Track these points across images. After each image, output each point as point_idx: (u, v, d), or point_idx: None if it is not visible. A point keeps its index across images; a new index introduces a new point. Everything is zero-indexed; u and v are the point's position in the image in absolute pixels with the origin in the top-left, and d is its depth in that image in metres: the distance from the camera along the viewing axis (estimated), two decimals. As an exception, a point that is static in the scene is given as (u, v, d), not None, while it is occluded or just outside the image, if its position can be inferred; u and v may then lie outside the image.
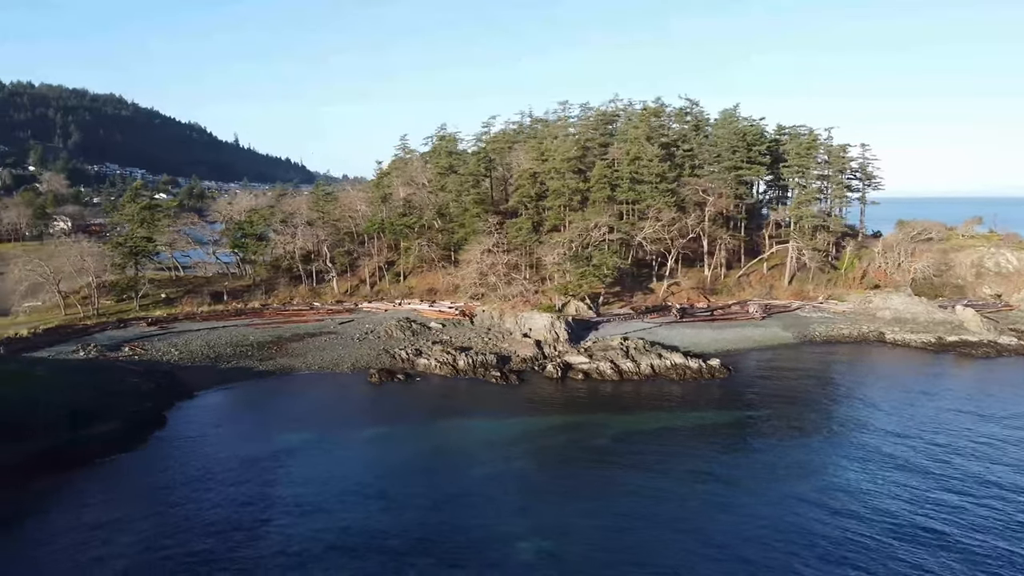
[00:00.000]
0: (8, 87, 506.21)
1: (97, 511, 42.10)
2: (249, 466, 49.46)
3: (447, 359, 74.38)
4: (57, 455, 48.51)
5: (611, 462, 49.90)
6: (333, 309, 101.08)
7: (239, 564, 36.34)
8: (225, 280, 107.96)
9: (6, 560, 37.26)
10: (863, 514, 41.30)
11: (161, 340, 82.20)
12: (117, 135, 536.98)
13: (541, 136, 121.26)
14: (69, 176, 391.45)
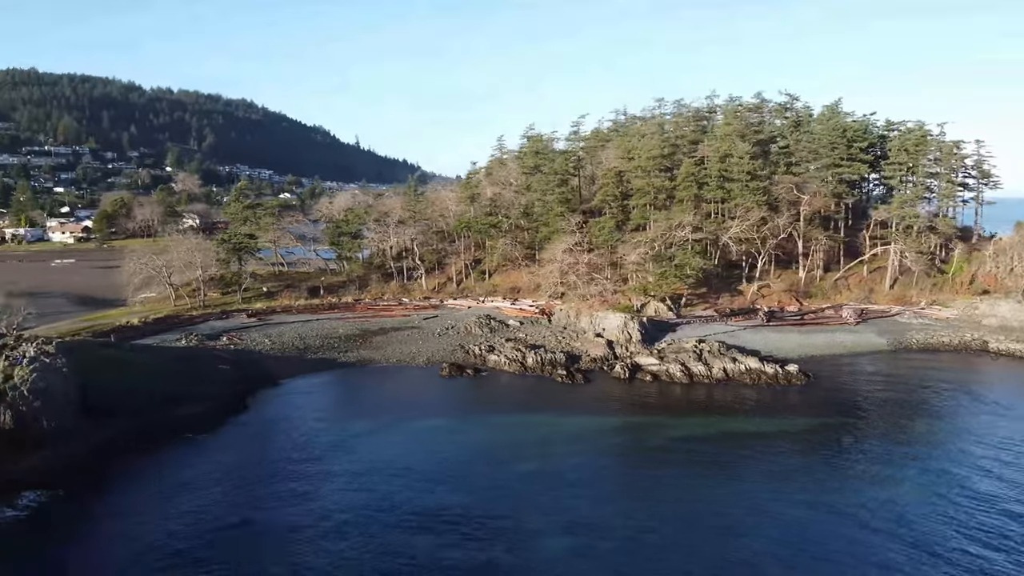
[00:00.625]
0: (149, 92, 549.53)
1: (174, 482, 46.00)
2: (314, 448, 52.60)
3: (516, 356, 75.59)
4: (147, 433, 53.13)
5: (662, 463, 49.63)
6: (419, 305, 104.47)
7: (292, 528, 39.70)
8: (323, 276, 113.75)
9: (99, 521, 41.36)
10: (909, 539, 38.83)
11: (257, 331, 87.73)
12: (247, 137, 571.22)
13: (632, 134, 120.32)
14: (202, 176, 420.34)
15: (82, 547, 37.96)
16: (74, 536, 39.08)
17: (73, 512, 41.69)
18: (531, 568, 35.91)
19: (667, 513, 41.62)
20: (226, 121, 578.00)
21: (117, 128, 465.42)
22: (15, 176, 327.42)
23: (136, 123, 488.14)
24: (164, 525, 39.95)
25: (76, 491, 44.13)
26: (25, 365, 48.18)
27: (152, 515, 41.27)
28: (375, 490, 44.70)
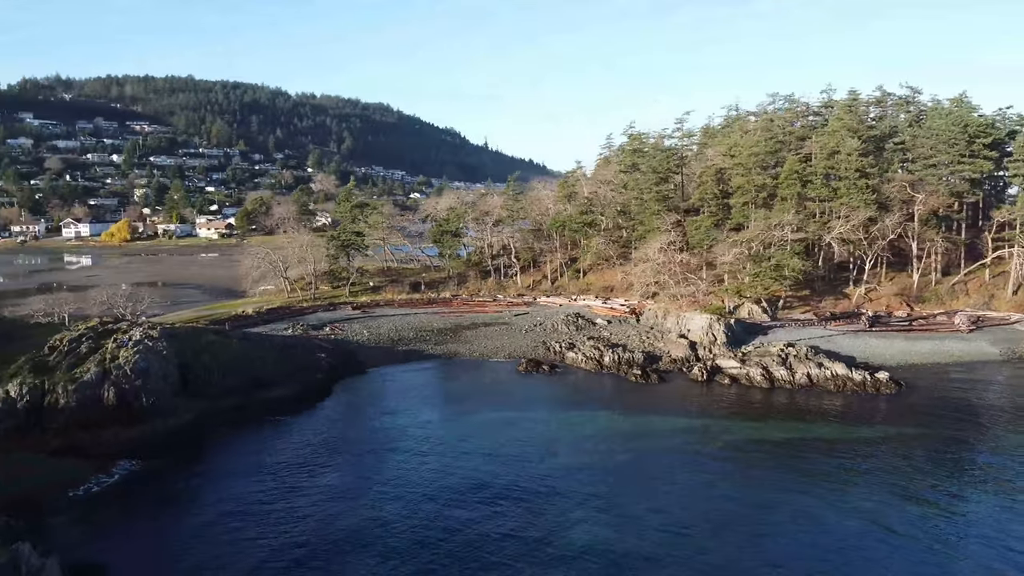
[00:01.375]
0: (294, 98, 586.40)
1: (256, 458, 50.44)
2: (382, 434, 55.88)
3: (594, 354, 76.20)
4: (238, 413, 58.39)
5: (715, 468, 48.83)
6: (513, 302, 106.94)
7: (355, 498, 43.16)
8: (425, 272, 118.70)
9: (182, 491, 46.10)
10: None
11: (359, 323, 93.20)
12: (382, 139, 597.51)
13: (736, 130, 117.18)
14: (339, 177, 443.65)
15: (163, 513, 42.55)
16: (157, 502, 43.89)
17: (160, 481, 46.73)
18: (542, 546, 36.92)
19: (714, 517, 41.11)
20: (363, 124, 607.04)
21: (264, 131, 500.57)
22: (171, 176, 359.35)
23: (281, 127, 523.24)
24: (240, 495, 44.00)
25: (167, 463, 49.31)
26: (130, 347, 54.32)
27: (232, 486, 45.47)
28: (429, 472, 47.24)
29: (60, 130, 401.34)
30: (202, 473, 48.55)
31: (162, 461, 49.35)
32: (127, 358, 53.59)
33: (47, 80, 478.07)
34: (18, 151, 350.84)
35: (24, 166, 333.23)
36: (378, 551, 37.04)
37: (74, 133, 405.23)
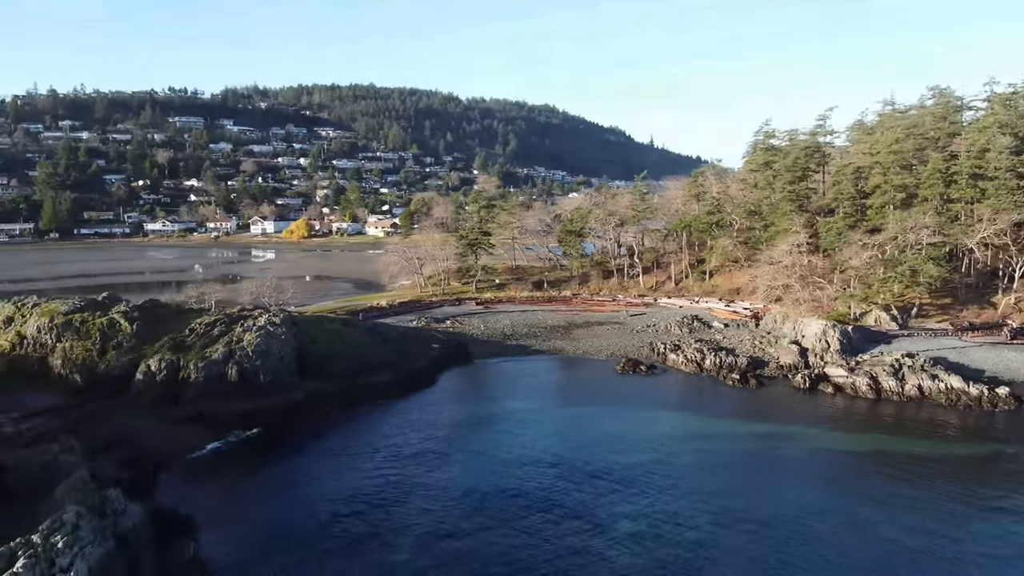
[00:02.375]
0: (464, 102, 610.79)
1: (356, 435, 56.17)
2: (467, 421, 59.74)
3: (695, 357, 75.82)
4: (346, 394, 64.61)
5: (788, 477, 48.04)
6: (632, 302, 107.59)
7: (426, 476, 46.79)
8: (549, 271, 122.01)
9: (285, 459, 52.24)
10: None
11: (479, 317, 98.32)
12: (546, 141, 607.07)
13: (877, 127, 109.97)
14: (502, 178, 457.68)
15: (258, 477, 48.92)
16: (257, 468, 50.38)
17: (265, 449, 53.47)
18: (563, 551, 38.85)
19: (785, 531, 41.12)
20: (528, 126, 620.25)
21: (435, 135, 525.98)
22: (350, 178, 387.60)
23: (451, 130, 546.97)
24: (334, 466, 49.62)
25: (275, 434, 56.14)
26: (253, 332, 62.10)
27: (327, 458, 51.26)
28: (500, 459, 50.52)
29: (256, 136, 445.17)
30: (303, 445, 54.69)
31: (271, 432, 56.18)
32: (250, 341, 61.38)
33: (246, 90, 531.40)
34: (218, 155, 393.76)
35: (223, 168, 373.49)
36: (442, 519, 41.14)
37: (268, 138, 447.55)
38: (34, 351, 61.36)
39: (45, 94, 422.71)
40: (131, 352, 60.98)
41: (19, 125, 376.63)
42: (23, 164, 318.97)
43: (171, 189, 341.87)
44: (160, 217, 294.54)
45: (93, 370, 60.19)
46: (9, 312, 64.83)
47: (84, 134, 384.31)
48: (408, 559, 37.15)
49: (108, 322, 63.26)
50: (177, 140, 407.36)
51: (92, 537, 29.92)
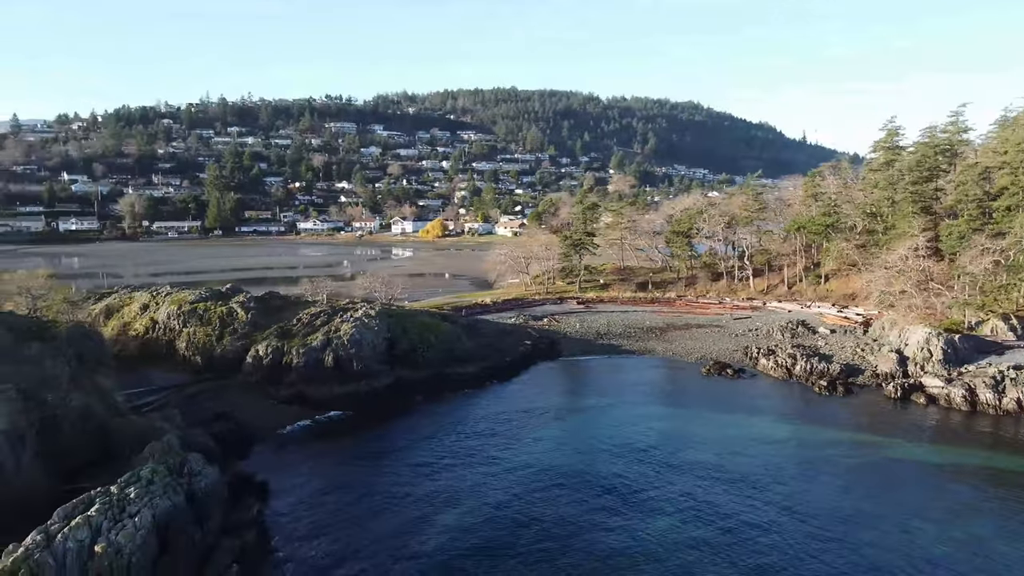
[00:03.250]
0: (604, 102, 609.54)
1: (435, 418, 60.22)
2: (540, 411, 61.95)
3: (786, 362, 74.02)
4: (433, 383, 68.99)
5: (845, 483, 46.93)
6: (739, 305, 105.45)
7: (495, 459, 50.00)
8: (658, 271, 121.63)
9: (372, 438, 57.01)
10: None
11: (577, 316, 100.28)
12: (687, 138, 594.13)
13: (1019, 123, 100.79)
14: (639, 177, 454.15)
15: (340, 453, 53.86)
16: (341, 445, 55.45)
17: (352, 429, 58.49)
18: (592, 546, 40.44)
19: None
20: (669, 124, 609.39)
21: (573, 136, 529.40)
22: (487, 180, 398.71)
23: (589, 130, 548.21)
24: (413, 446, 53.98)
25: (363, 416, 61.16)
26: (349, 323, 67.75)
27: (408, 439, 55.63)
28: (563, 453, 52.56)
29: (403, 140, 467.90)
30: (385, 426, 59.34)
31: (359, 414, 61.31)
32: (346, 331, 67.05)
33: (396, 96, 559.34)
34: (368, 158, 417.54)
35: (371, 171, 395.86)
36: (506, 499, 44.11)
37: (414, 142, 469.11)
38: (164, 335, 70.24)
39: (216, 103, 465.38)
40: (244, 338, 68.35)
41: (193, 131, 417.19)
42: (195, 167, 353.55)
43: (323, 191, 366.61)
44: (312, 217, 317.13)
45: (211, 353, 68.04)
46: (145, 300, 74.46)
47: (249, 139, 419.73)
48: (456, 535, 39.79)
49: (227, 311, 71.19)
50: (332, 145, 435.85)
51: (163, 491, 35.21)
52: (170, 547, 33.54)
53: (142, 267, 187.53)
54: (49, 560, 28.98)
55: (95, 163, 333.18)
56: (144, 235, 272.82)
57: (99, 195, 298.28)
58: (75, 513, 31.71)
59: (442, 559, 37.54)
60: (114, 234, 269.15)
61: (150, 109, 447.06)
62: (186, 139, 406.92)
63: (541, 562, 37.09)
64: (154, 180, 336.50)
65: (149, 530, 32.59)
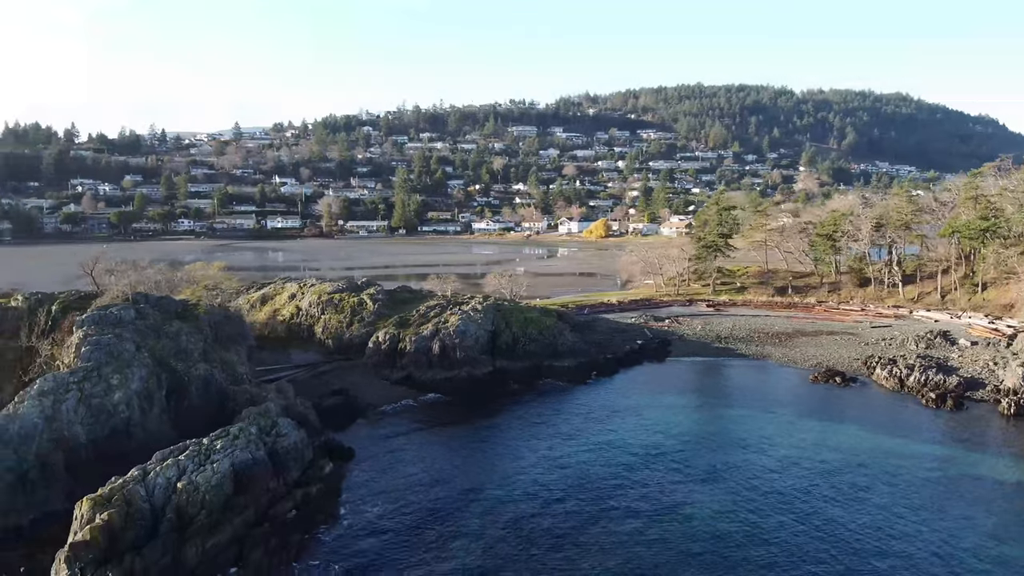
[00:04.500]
0: (797, 95, 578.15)
1: (524, 407, 64.63)
2: (620, 407, 64.29)
3: (901, 373, 70.23)
4: (530, 373, 73.57)
5: (910, 502, 45.45)
6: (882, 313, 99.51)
7: (595, 455, 53.95)
8: (804, 276, 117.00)
9: (468, 420, 62.28)
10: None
11: (701, 319, 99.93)
12: (891, 133, 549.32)
13: None
14: (832, 175, 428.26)
15: (431, 431, 59.81)
16: (434, 423, 61.40)
17: (447, 410, 64.58)
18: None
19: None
20: (871, 117, 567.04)
21: (761, 132, 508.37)
22: (663, 179, 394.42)
23: (779, 125, 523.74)
24: (501, 430, 59.17)
25: (459, 399, 67.10)
26: (456, 315, 74.06)
27: (496, 423, 60.83)
28: (635, 445, 54.76)
29: (580, 141, 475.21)
30: (477, 410, 64.54)
31: (456, 398, 67.31)
32: (453, 322, 73.44)
33: (578, 97, 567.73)
34: (545, 160, 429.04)
35: (547, 173, 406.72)
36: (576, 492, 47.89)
37: (591, 143, 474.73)
38: (305, 320, 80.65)
39: (411, 110, 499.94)
40: (369, 326, 76.87)
41: (389, 137, 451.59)
42: (388, 171, 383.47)
43: (500, 192, 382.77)
44: (486, 217, 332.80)
45: (341, 337, 77.27)
46: (293, 290, 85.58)
47: (438, 144, 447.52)
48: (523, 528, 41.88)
49: (358, 301, 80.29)
50: (512, 148, 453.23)
51: (244, 445, 42.77)
52: (243, 490, 40.95)
53: (336, 261, 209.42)
54: (140, 491, 37.11)
55: (302, 167, 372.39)
56: (338, 233, 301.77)
57: (303, 196, 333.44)
58: (169, 457, 39.94)
59: (486, 540, 40.35)
60: (313, 231, 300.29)
61: (352, 117, 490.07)
62: (382, 145, 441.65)
63: (590, 558, 38.33)
64: (352, 183, 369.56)
65: (225, 475, 40.02)
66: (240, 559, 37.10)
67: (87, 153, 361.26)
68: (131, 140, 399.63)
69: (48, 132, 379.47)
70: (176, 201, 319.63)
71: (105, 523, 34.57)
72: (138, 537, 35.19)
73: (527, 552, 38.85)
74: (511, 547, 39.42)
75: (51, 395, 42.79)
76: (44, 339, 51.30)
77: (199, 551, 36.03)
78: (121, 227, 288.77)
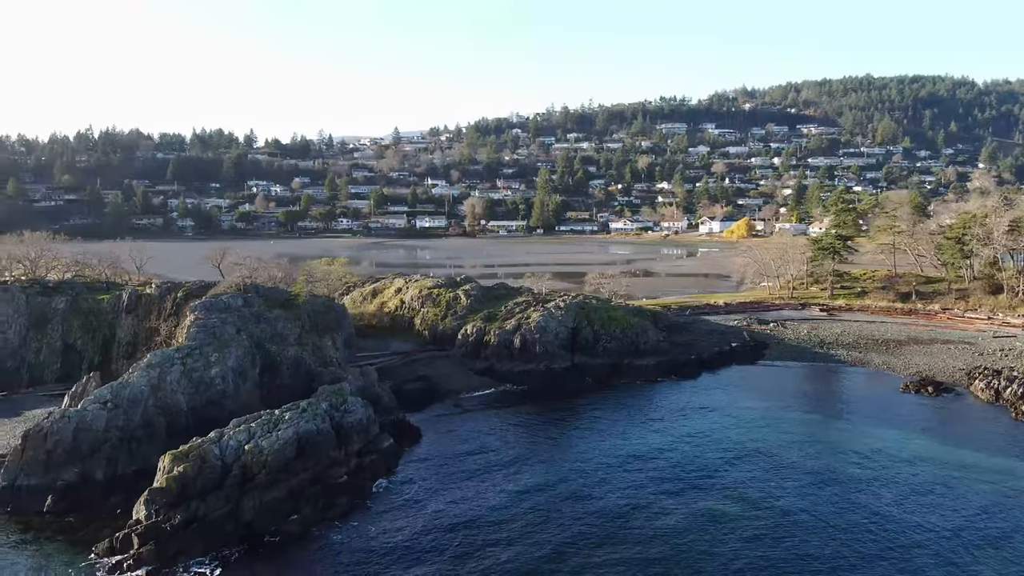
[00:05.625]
0: (979, 87, 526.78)
1: (590, 399, 67.62)
2: (681, 409, 64.87)
3: (999, 385, 65.83)
4: (606, 369, 75.77)
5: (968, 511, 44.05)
6: (1011, 323, 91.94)
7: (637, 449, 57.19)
8: (932, 281, 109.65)
9: (538, 409, 65.71)
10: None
11: (809, 323, 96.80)
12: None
13: None
14: (1015, 173, 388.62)
15: (500, 418, 63.74)
16: (504, 410, 65.39)
17: (519, 399, 68.53)
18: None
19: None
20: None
21: (935, 126, 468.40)
22: (821, 177, 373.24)
23: (957, 119, 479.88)
24: (560, 421, 62.74)
25: (533, 391, 70.71)
26: (539, 312, 77.78)
27: (559, 416, 63.88)
28: (702, 446, 55.44)
29: (733, 137, 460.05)
30: (547, 402, 67.80)
31: (531, 389, 70.99)
32: (534, 319, 77.28)
33: (733, 92, 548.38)
34: (694, 158, 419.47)
35: (695, 171, 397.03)
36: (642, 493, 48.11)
37: (745, 139, 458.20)
38: (407, 313, 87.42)
39: (559, 111, 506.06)
40: (460, 319, 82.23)
41: (537, 139, 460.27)
42: (533, 171, 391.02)
43: (642, 192, 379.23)
44: (624, 217, 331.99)
45: (436, 329, 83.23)
46: (400, 284, 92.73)
47: (584, 144, 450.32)
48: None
49: (453, 296, 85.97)
50: (660, 146, 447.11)
51: (311, 418, 49.02)
52: (305, 455, 47.08)
53: (477, 259, 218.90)
54: (214, 450, 44.10)
55: (452, 169, 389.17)
56: (479, 232, 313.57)
57: (451, 197, 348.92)
58: (243, 424, 46.85)
59: (520, 526, 42.34)
60: (456, 231, 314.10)
61: (503, 120, 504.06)
62: (528, 146, 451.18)
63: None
64: (498, 184, 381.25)
65: (288, 441, 46.31)
66: (292, 513, 43.11)
67: (262, 157, 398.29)
68: (301, 145, 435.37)
69: (229, 137, 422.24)
70: (337, 201, 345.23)
71: (180, 474, 41.77)
72: (205, 488, 42.04)
73: (564, 550, 39.74)
74: (550, 538, 40.94)
75: (158, 367, 51.29)
76: (166, 321, 60.76)
77: (256, 503, 42.35)
78: (287, 225, 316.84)
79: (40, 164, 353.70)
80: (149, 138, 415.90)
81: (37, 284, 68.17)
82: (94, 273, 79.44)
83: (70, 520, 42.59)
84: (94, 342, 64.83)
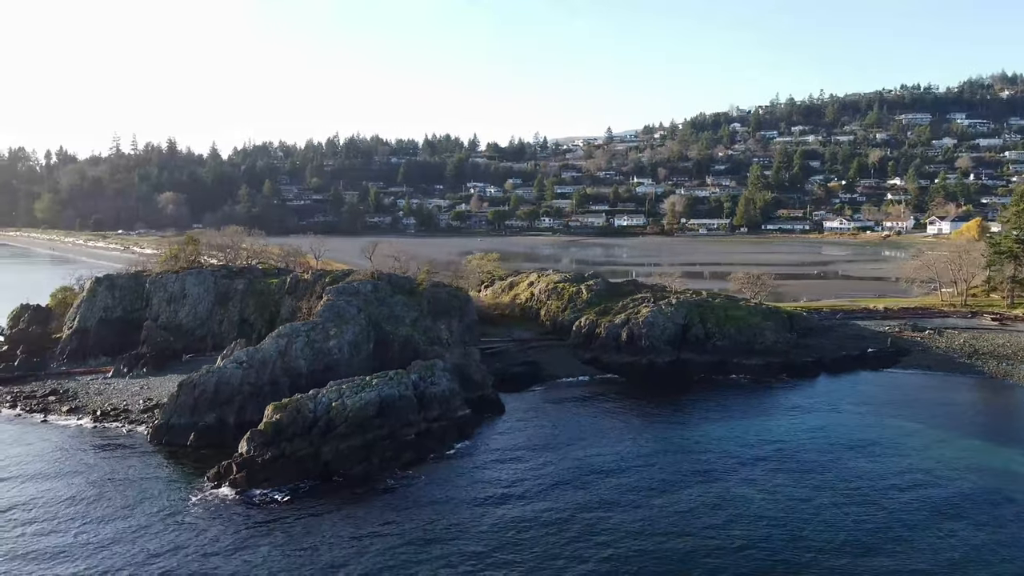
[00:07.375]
0: None
1: (683, 399, 69.96)
2: (787, 412, 64.32)
3: None
4: (709, 367, 76.81)
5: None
6: None
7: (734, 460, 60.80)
8: None
9: (622, 400, 69.07)
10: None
11: (970, 332, 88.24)
12: None
13: None
14: None
15: (592, 405, 68.07)
16: (596, 400, 69.46)
17: (613, 390, 72.17)
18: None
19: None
20: None
21: None
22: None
23: None
24: (646, 414, 66.24)
25: (631, 382, 73.88)
26: (649, 307, 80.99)
27: (648, 409, 66.70)
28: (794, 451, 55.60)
29: (986, 128, 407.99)
30: (641, 393, 70.49)
31: (629, 380, 74.21)
32: (643, 314, 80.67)
33: (991, 79, 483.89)
34: (936, 151, 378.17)
35: (935, 166, 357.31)
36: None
37: (1000, 131, 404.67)
38: (536, 304, 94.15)
39: (784, 103, 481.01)
40: (578, 312, 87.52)
41: (756, 133, 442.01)
42: (746, 167, 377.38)
43: (870, 188, 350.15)
44: (842, 216, 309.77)
45: (556, 320, 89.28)
46: (532, 279, 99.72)
47: (809, 137, 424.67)
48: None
49: (575, 291, 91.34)
50: (897, 138, 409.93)
51: (396, 384, 57.86)
52: (384, 415, 55.99)
53: (674, 257, 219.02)
54: (309, 404, 54.39)
55: (659, 167, 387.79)
56: (678, 231, 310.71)
57: (653, 196, 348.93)
58: (336, 385, 56.90)
59: (568, 511, 43.73)
60: (654, 229, 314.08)
61: (722, 115, 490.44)
62: (746, 141, 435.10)
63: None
64: (707, 181, 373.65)
65: (369, 402, 55.39)
66: (363, 460, 52.12)
67: (481, 160, 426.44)
68: (517, 148, 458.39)
69: (455, 142, 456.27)
70: (543, 201, 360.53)
71: (276, 420, 52.48)
72: (295, 432, 52.35)
73: (597, 540, 40.50)
74: (594, 527, 41.99)
75: (286, 338, 63.24)
76: (312, 301, 73.47)
77: (334, 449, 51.92)
78: (495, 223, 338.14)
79: (295, 167, 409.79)
80: (386, 144, 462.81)
81: (224, 268, 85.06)
82: (275, 260, 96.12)
83: (204, 452, 54.83)
84: (263, 317, 79.62)
